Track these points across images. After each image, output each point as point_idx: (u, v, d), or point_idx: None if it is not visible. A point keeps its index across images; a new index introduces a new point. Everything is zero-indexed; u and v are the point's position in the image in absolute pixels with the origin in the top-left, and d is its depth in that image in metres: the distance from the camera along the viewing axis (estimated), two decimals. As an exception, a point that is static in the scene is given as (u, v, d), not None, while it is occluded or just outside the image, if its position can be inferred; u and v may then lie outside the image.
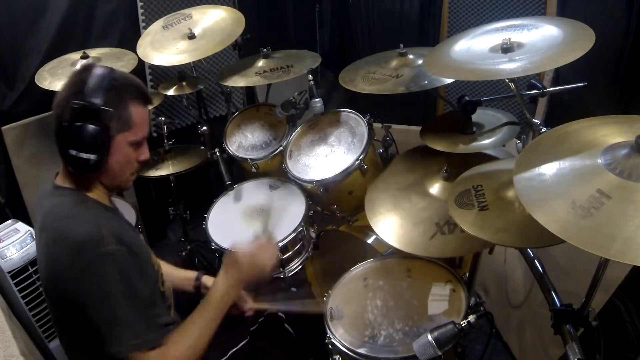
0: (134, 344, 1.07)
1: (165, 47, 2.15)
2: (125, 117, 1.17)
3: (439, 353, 1.21)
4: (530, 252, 1.48)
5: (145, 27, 2.52)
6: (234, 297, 1.30)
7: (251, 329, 1.46)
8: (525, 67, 1.27)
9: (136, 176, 1.30)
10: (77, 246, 1.07)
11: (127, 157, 1.21)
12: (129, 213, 2.08)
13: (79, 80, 1.14)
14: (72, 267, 1.07)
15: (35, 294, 1.84)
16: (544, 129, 1.39)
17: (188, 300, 1.35)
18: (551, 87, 1.78)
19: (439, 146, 1.60)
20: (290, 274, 1.85)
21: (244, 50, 2.35)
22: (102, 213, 1.19)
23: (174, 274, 1.56)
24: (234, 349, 1.41)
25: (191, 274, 1.59)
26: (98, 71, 1.15)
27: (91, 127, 1.11)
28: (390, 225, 1.56)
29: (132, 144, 1.20)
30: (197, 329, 1.18)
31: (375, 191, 1.71)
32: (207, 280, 1.55)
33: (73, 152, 1.11)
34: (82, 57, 2.16)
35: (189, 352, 1.15)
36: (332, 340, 1.41)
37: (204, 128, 2.35)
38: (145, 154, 1.26)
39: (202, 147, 2.41)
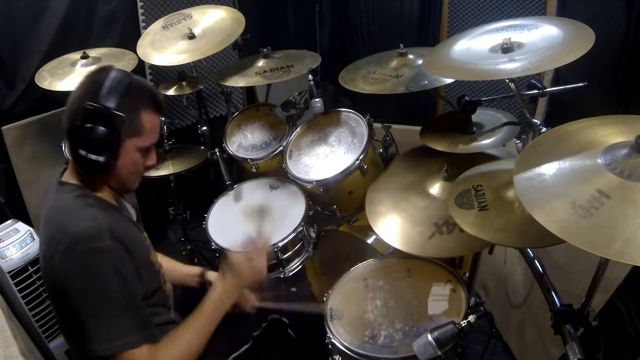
0: (122, 342, 1.06)
1: (165, 47, 2.15)
2: (136, 124, 1.19)
3: (439, 353, 1.21)
4: (530, 252, 1.48)
5: (145, 27, 2.52)
6: (232, 301, 1.29)
7: (254, 334, 1.45)
8: (525, 67, 1.27)
9: (141, 179, 1.33)
10: (74, 240, 1.07)
11: (135, 162, 1.24)
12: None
13: (95, 81, 1.16)
14: (66, 260, 1.07)
15: (35, 294, 1.84)
16: (544, 129, 1.39)
17: (191, 300, 1.35)
18: (551, 87, 1.78)
19: (439, 146, 1.60)
20: (290, 274, 1.85)
21: (244, 50, 2.35)
22: (103, 209, 1.19)
23: (178, 270, 1.56)
24: (236, 354, 1.40)
25: (195, 270, 1.58)
26: (115, 75, 1.17)
27: (102, 129, 1.13)
28: (389, 224, 1.56)
29: (140, 150, 1.23)
30: (190, 333, 1.18)
31: (375, 191, 1.71)
32: (211, 275, 1.54)
33: (82, 152, 1.13)
34: (82, 57, 2.16)
35: (180, 355, 1.14)
36: (332, 340, 1.41)
37: (204, 128, 2.35)
38: (152, 159, 1.29)
39: (202, 147, 2.41)
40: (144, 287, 1.19)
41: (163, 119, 2.31)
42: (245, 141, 2.21)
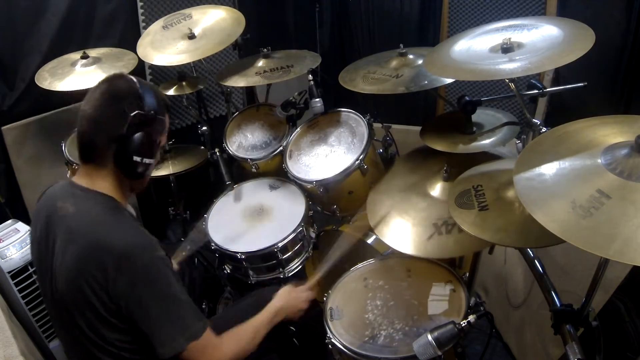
0: (192, 332, 1.15)
1: (165, 47, 2.14)
2: (164, 123, 1.29)
3: (439, 353, 1.21)
4: (530, 252, 1.48)
5: (145, 27, 2.51)
6: (283, 316, 1.47)
7: None
8: (525, 67, 1.27)
9: None
10: (126, 254, 1.10)
11: (157, 159, 1.32)
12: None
13: (124, 89, 1.21)
14: (127, 275, 1.09)
15: (35, 294, 1.84)
16: (544, 129, 1.39)
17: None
18: (551, 87, 1.78)
19: (439, 146, 1.60)
20: (290, 274, 1.85)
21: (244, 50, 2.35)
22: (134, 220, 1.24)
23: None
24: None
25: None
26: (140, 81, 1.23)
27: (153, 133, 1.23)
28: (389, 226, 1.56)
29: (161, 147, 1.32)
30: (251, 332, 1.34)
31: (377, 193, 1.71)
32: None
33: (138, 159, 1.20)
34: (82, 57, 2.16)
35: (239, 348, 1.29)
36: (332, 340, 1.41)
37: (204, 128, 2.35)
38: (159, 155, 1.36)
39: (202, 147, 2.41)
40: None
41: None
42: (245, 141, 2.21)
